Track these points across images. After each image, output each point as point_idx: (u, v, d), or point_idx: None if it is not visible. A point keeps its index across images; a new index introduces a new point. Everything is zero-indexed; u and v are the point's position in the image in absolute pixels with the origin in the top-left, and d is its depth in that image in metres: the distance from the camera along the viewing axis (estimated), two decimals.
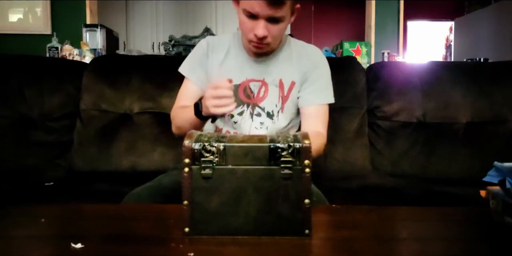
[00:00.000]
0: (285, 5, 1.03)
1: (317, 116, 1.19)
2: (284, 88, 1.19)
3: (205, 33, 2.86)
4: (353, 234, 0.67)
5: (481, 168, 0.80)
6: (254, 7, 1.02)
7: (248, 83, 1.18)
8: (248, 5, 1.03)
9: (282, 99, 1.19)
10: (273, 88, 1.19)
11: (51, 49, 2.96)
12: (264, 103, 1.19)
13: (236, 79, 1.15)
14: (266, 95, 1.19)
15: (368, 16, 3.76)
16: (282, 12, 1.04)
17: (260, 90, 1.19)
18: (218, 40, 1.23)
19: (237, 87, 1.17)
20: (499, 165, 0.74)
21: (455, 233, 0.71)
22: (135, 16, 5.43)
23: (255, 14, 1.03)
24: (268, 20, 1.04)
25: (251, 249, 0.62)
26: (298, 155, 0.64)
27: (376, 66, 1.77)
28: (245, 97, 1.19)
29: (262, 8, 1.02)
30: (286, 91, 1.19)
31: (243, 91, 1.18)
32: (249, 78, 1.18)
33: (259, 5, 1.01)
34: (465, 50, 4.10)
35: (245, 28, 1.09)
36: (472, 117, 1.62)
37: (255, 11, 1.03)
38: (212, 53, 1.20)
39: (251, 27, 1.06)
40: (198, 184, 0.65)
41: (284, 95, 1.19)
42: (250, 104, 1.19)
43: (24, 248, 0.63)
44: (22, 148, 1.60)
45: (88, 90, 1.66)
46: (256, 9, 1.02)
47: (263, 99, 1.19)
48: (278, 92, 1.19)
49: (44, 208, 0.85)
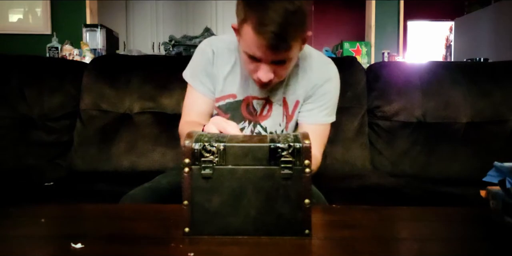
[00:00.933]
0: (292, 47, 0.91)
1: (315, 137, 1.10)
2: (288, 107, 1.11)
3: (205, 33, 2.86)
4: (353, 234, 0.67)
5: (481, 168, 0.80)
6: (255, 52, 0.91)
7: (251, 100, 1.10)
8: (248, 49, 0.92)
9: (286, 118, 1.12)
10: (278, 107, 1.11)
11: (51, 49, 2.97)
12: (266, 122, 1.12)
13: (239, 94, 1.10)
14: (270, 114, 1.12)
15: (368, 16, 3.76)
16: (289, 54, 0.92)
17: (264, 109, 1.11)
18: (223, 50, 1.10)
19: (240, 102, 1.11)
20: (499, 165, 0.74)
21: (455, 233, 0.71)
22: (135, 16, 5.43)
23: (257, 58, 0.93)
24: (273, 62, 0.94)
25: (251, 249, 0.62)
26: (298, 155, 0.64)
27: (376, 66, 1.77)
28: (247, 113, 1.12)
29: (264, 53, 0.90)
30: (291, 111, 1.12)
31: (245, 107, 1.11)
32: (253, 95, 1.10)
33: (261, 51, 0.90)
34: (465, 50, 4.10)
35: (247, 68, 0.99)
36: (472, 117, 1.62)
37: (257, 56, 0.92)
38: (217, 63, 1.09)
39: (253, 68, 0.96)
40: (198, 184, 0.65)
41: (288, 114, 1.12)
42: (252, 121, 1.12)
43: (24, 248, 0.63)
44: (22, 148, 1.60)
45: (88, 90, 1.66)
46: (257, 54, 0.91)
47: (266, 118, 1.12)
48: (283, 111, 1.11)
49: (44, 208, 0.85)
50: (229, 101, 1.11)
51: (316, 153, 1.07)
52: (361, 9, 3.85)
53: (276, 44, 0.87)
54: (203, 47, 1.12)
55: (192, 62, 1.14)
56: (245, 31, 0.90)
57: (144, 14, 5.44)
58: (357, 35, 4.00)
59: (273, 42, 0.86)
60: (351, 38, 4.60)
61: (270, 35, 0.85)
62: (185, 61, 1.17)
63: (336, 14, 6.01)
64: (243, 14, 0.89)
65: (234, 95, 1.11)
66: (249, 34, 0.89)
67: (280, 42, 0.87)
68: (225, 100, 1.12)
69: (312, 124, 1.10)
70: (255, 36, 0.87)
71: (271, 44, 0.87)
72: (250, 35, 0.89)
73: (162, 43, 3.13)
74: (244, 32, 0.91)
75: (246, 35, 0.90)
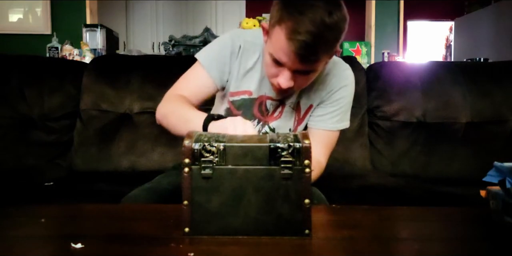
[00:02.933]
0: (320, 60, 0.88)
1: (321, 142, 1.06)
2: (301, 111, 1.10)
3: (205, 33, 2.86)
4: (353, 234, 0.67)
5: (481, 168, 0.80)
6: (281, 57, 0.88)
7: (265, 99, 1.08)
8: (275, 52, 0.88)
9: (297, 122, 1.11)
10: (289, 110, 1.09)
11: (51, 49, 2.97)
12: (275, 124, 1.11)
13: (255, 92, 1.07)
14: (281, 115, 1.10)
15: (368, 16, 3.76)
16: (315, 66, 0.90)
17: (276, 110, 1.10)
18: (250, 45, 1.05)
19: (254, 100, 1.08)
20: (499, 165, 0.74)
21: (455, 233, 0.71)
22: (135, 16, 5.44)
23: (282, 64, 0.90)
24: (296, 71, 0.91)
25: (251, 249, 0.61)
26: (298, 155, 0.64)
27: (376, 66, 1.77)
28: (258, 112, 1.09)
29: (290, 61, 0.87)
30: (302, 114, 1.10)
31: (258, 106, 1.09)
32: (268, 95, 1.07)
33: (288, 58, 0.87)
34: (465, 50, 4.10)
35: (268, 71, 0.96)
36: (472, 117, 1.62)
37: (282, 62, 0.89)
38: (242, 58, 1.05)
39: (275, 72, 0.93)
40: (198, 184, 0.65)
41: (300, 118, 1.11)
42: (261, 121, 1.10)
43: (24, 248, 0.63)
44: (22, 148, 1.60)
45: (88, 90, 1.66)
46: (283, 60, 0.88)
47: (276, 119, 1.10)
48: (294, 115, 1.10)
49: (44, 208, 0.85)
50: (244, 97, 1.08)
51: (320, 158, 1.06)
52: (361, 9, 3.85)
53: (305, 54, 0.85)
54: (232, 38, 1.06)
55: (213, 48, 1.07)
56: (276, 34, 0.87)
57: (144, 14, 5.45)
58: (357, 35, 4.00)
59: (303, 52, 0.84)
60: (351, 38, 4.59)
61: (301, 44, 0.83)
62: (185, 61, 1.17)
63: None
64: (278, 16, 0.86)
65: (250, 92, 1.08)
66: (279, 38, 0.86)
67: (310, 53, 0.85)
68: (240, 96, 1.08)
69: (321, 130, 1.08)
70: (286, 42, 0.84)
71: (300, 54, 0.84)
72: (280, 39, 0.86)
73: (162, 43, 3.13)
74: (274, 35, 0.88)
75: (277, 38, 0.87)
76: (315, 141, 0.99)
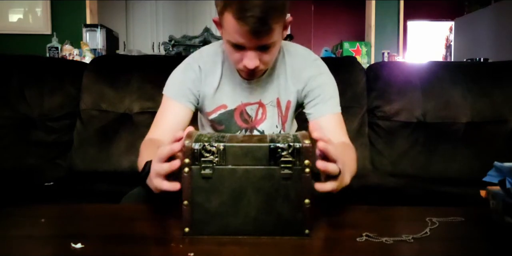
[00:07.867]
0: (274, 31, 0.90)
1: (335, 126, 1.06)
2: (281, 108, 1.11)
3: (205, 33, 2.86)
4: (353, 234, 0.67)
5: (481, 168, 0.80)
6: (238, 39, 0.91)
7: (244, 107, 1.10)
8: (231, 37, 0.91)
9: (282, 120, 1.12)
10: (272, 109, 1.10)
11: (51, 49, 2.97)
12: (263, 126, 1.11)
13: (230, 104, 1.09)
14: (265, 117, 1.11)
15: (368, 16, 3.76)
16: (272, 38, 0.92)
17: (258, 113, 1.11)
18: (209, 64, 1.08)
19: (232, 111, 1.10)
20: (499, 165, 0.74)
21: (455, 233, 0.71)
22: (135, 16, 5.43)
23: (241, 45, 0.92)
24: (257, 49, 0.93)
25: (251, 249, 0.61)
26: (298, 155, 0.64)
27: (376, 66, 1.77)
28: (242, 121, 1.11)
29: (247, 39, 0.90)
30: (284, 111, 1.11)
31: (239, 116, 1.10)
32: (245, 102, 1.09)
33: (244, 37, 0.89)
34: (465, 50, 4.10)
35: (233, 58, 0.98)
36: (472, 117, 1.62)
37: (240, 43, 0.92)
38: (206, 79, 1.08)
39: (239, 58, 0.96)
40: (198, 184, 0.65)
41: (283, 115, 1.11)
42: (248, 128, 1.12)
43: (24, 248, 0.63)
44: (22, 148, 1.60)
45: (88, 90, 1.66)
46: (240, 41, 0.91)
47: (262, 122, 1.11)
48: (277, 113, 1.11)
49: (44, 208, 0.85)
50: (220, 112, 1.10)
51: (346, 140, 1.05)
52: (361, 9, 3.85)
53: (259, 28, 0.87)
54: (190, 63, 1.10)
55: (175, 79, 1.11)
56: (226, 19, 0.89)
57: (144, 14, 5.45)
58: (357, 35, 4.00)
59: (255, 26, 0.86)
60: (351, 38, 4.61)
61: (251, 20, 0.85)
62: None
63: (336, 14, 6.01)
64: (223, 3, 0.89)
65: (224, 105, 1.10)
66: (230, 22, 0.88)
67: (262, 26, 0.87)
68: (216, 112, 1.11)
69: (324, 116, 1.06)
70: (237, 22, 0.87)
71: (254, 29, 0.87)
72: (231, 23, 0.88)
73: (162, 43, 3.13)
74: (225, 21, 0.90)
75: (228, 23, 0.89)
76: (331, 128, 1.03)
